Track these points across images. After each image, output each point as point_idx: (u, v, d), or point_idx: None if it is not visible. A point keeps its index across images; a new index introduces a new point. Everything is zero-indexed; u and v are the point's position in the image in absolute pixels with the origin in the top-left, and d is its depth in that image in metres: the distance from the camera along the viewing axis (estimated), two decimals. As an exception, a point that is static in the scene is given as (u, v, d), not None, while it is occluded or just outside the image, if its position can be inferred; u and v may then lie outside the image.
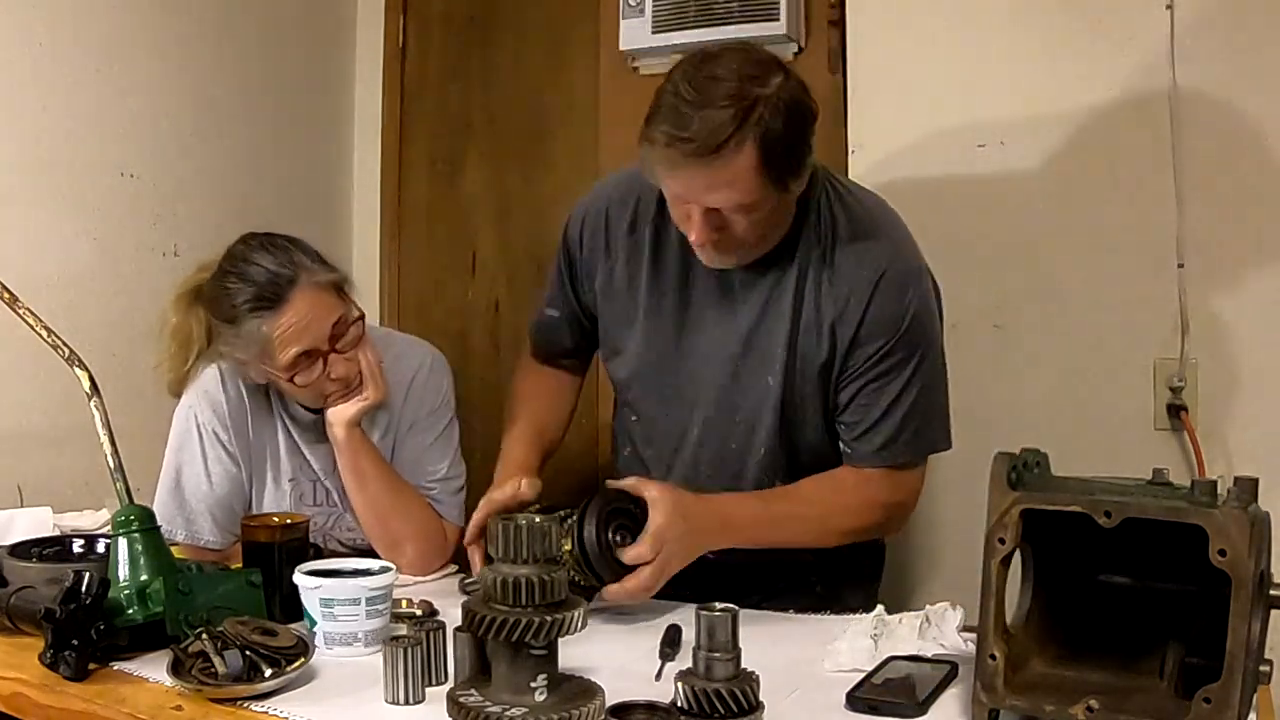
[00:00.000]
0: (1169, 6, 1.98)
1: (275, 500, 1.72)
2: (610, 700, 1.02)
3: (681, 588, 1.42)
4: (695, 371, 1.57)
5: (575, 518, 1.40)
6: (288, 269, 1.59)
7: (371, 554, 1.66)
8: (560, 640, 1.01)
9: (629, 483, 1.43)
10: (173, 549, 1.43)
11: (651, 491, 1.40)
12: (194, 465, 1.67)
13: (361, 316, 1.66)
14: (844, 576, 1.64)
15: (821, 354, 1.50)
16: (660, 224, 1.56)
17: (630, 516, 1.42)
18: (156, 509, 1.52)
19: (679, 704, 0.99)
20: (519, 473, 1.55)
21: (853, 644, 1.23)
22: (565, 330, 1.73)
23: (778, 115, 1.33)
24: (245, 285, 1.57)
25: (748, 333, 1.53)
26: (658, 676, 1.18)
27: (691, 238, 1.42)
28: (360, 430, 1.67)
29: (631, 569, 1.38)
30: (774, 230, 1.47)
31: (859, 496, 1.51)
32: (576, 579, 1.36)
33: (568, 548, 1.38)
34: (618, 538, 1.40)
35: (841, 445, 1.53)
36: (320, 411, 1.69)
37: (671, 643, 1.27)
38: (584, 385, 1.82)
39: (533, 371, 1.79)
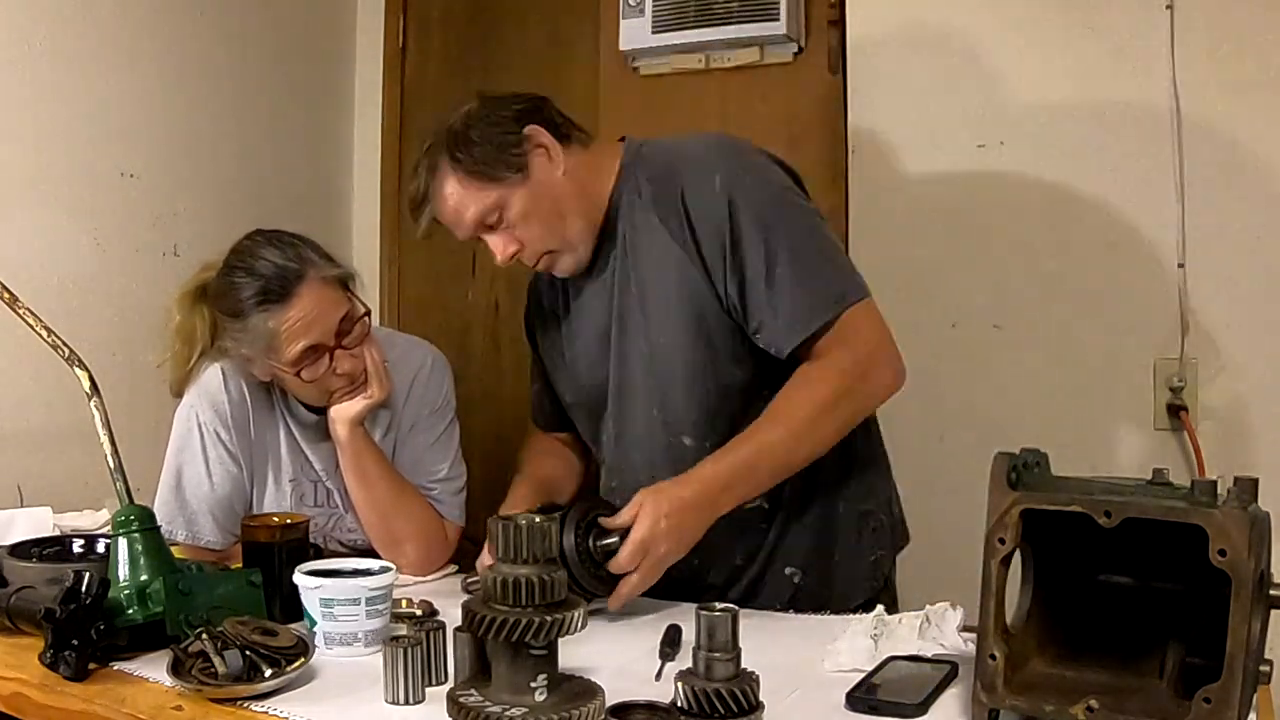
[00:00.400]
0: (1169, 6, 1.99)
1: (276, 500, 1.72)
2: (610, 700, 1.02)
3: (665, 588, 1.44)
4: (598, 368, 1.61)
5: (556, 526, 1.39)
6: (295, 264, 1.59)
7: (371, 554, 1.66)
8: (560, 640, 1.01)
9: (616, 523, 1.41)
10: (173, 549, 1.43)
11: (635, 506, 1.40)
12: (195, 465, 1.67)
13: (368, 312, 1.66)
14: (825, 563, 1.63)
15: (676, 292, 1.51)
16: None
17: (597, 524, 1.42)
18: (157, 509, 1.53)
19: (679, 704, 0.99)
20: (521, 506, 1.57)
21: (853, 644, 1.23)
22: (548, 398, 1.77)
23: (464, 133, 1.49)
24: (253, 279, 1.57)
25: (618, 311, 1.57)
26: (658, 676, 1.18)
27: (497, 260, 1.55)
28: (363, 429, 1.67)
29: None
30: (556, 219, 1.52)
31: (816, 379, 1.46)
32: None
33: None
34: (600, 543, 1.40)
35: (776, 353, 1.49)
36: (323, 411, 1.69)
37: (671, 643, 1.27)
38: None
39: (534, 437, 1.83)
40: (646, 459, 1.58)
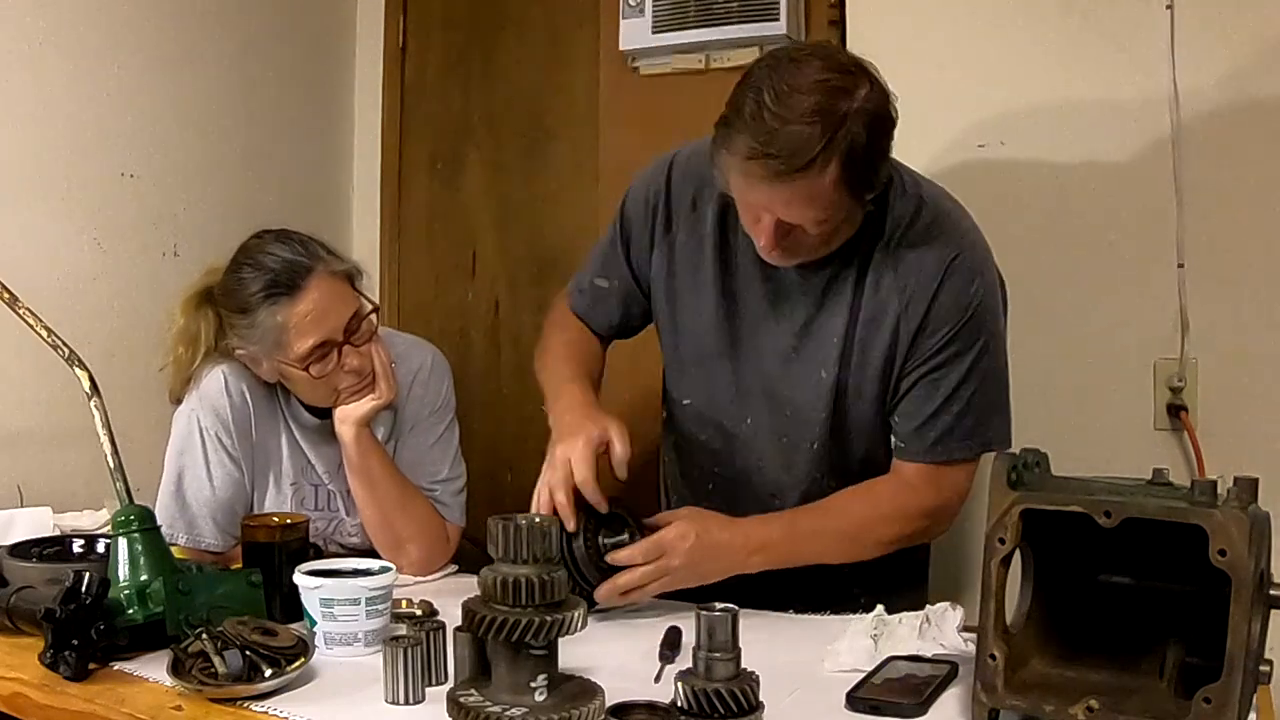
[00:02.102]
0: (1169, 6, 1.98)
1: (276, 504, 1.72)
2: (610, 700, 1.02)
3: (716, 595, 1.43)
4: (750, 362, 1.55)
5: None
6: (304, 258, 1.59)
7: (371, 555, 1.66)
8: (560, 640, 1.01)
9: (655, 521, 1.43)
10: (173, 551, 1.43)
11: (675, 515, 1.41)
12: (196, 469, 1.66)
13: (375, 309, 1.66)
14: (887, 584, 1.59)
15: (882, 346, 1.47)
16: (725, 211, 1.52)
17: (623, 521, 1.43)
18: (158, 512, 1.52)
19: (679, 704, 0.99)
20: (598, 417, 1.45)
21: (853, 644, 1.23)
22: (615, 301, 1.66)
23: (862, 130, 1.29)
24: (261, 274, 1.57)
25: (803, 324, 1.51)
26: (657, 679, 1.18)
27: (760, 244, 1.40)
28: (369, 430, 1.67)
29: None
30: (841, 239, 1.45)
31: (896, 505, 1.48)
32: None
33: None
34: (608, 542, 1.41)
35: (893, 440, 1.50)
36: (325, 415, 1.69)
37: (671, 645, 1.27)
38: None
39: (571, 325, 1.69)
40: (780, 481, 1.57)
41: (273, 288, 1.56)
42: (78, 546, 1.51)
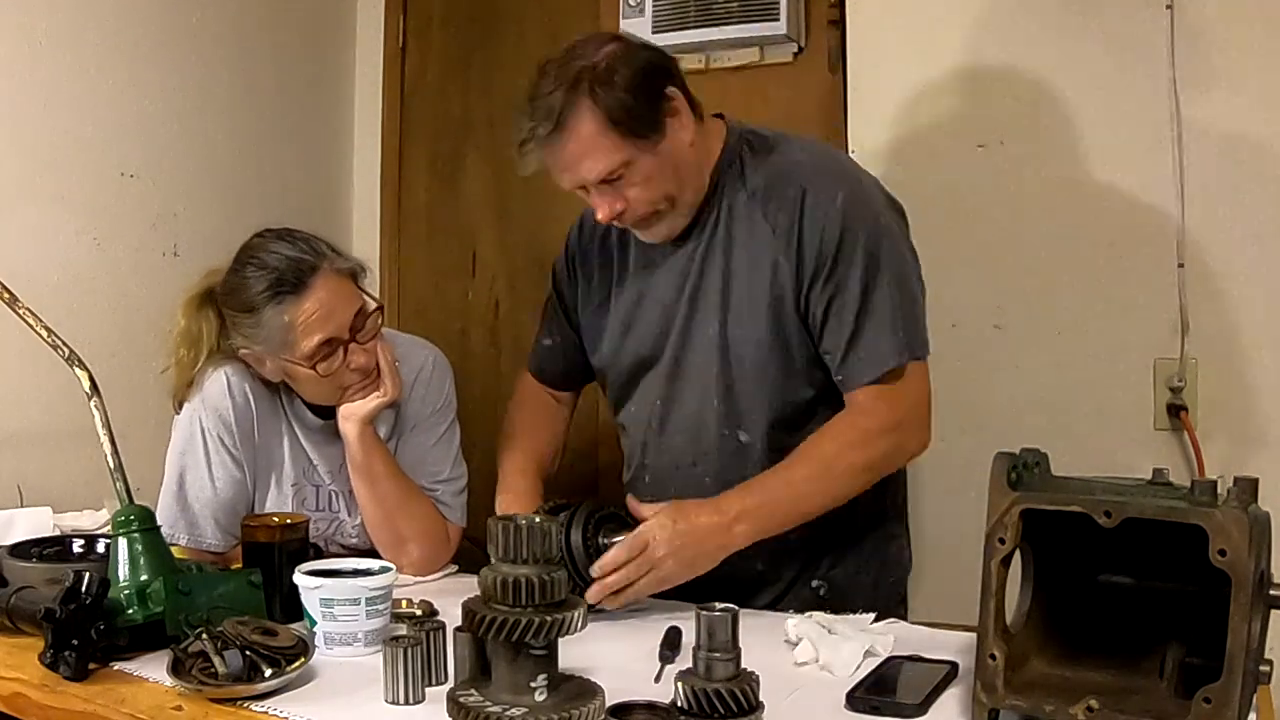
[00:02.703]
0: (1169, 6, 1.99)
1: (277, 505, 1.71)
2: (610, 700, 1.02)
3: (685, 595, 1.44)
4: (655, 343, 1.60)
5: (564, 521, 1.41)
6: (309, 255, 1.59)
7: (372, 554, 1.66)
8: (560, 640, 1.01)
9: (632, 506, 1.46)
10: (174, 550, 1.43)
11: (657, 509, 1.42)
12: (198, 470, 1.66)
13: (380, 307, 1.66)
14: (850, 578, 1.63)
15: (764, 286, 1.50)
16: (620, 231, 1.61)
17: (621, 521, 1.44)
18: (159, 512, 1.52)
19: (679, 704, 0.99)
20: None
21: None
22: (560, 355, 1.77)
23: (608, 76, 1.41)
24: (265, 273, 1.57)
25: (691, 292, 1.56)
26: (657, 679, 1.18)
27: (599, 217, 1.49)
28: (373, 428, 1.67)
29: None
30: (674, 187, 1.49)
31: (855, 430, 1.48)
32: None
33: None
34: (609, 540, 1.41)
35: (836, 380, 1.51)
36: (329, 415, 1.69)
37: (671, 645, 1.27)
38: (578, 402, 1.87)
39: (529, 394, 1.82)
40: (695, 448, 1.58)
41: (278, 286, 1.56)
42: (78, 546, 1.51)
